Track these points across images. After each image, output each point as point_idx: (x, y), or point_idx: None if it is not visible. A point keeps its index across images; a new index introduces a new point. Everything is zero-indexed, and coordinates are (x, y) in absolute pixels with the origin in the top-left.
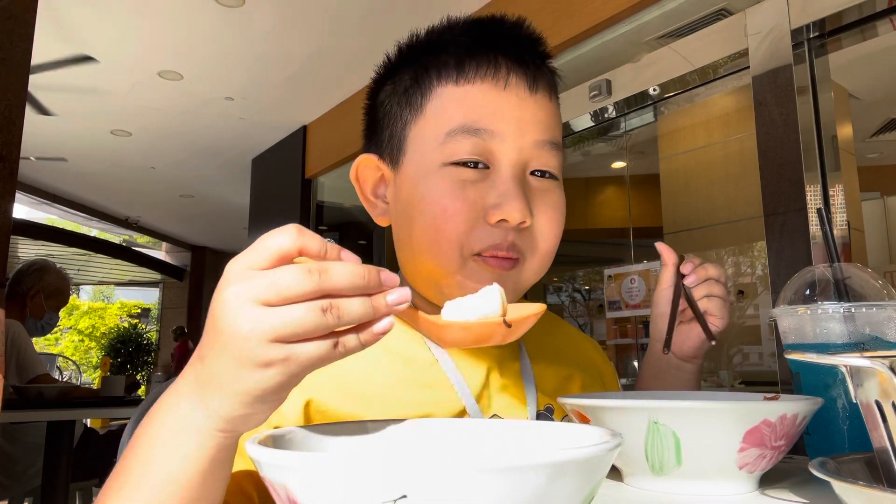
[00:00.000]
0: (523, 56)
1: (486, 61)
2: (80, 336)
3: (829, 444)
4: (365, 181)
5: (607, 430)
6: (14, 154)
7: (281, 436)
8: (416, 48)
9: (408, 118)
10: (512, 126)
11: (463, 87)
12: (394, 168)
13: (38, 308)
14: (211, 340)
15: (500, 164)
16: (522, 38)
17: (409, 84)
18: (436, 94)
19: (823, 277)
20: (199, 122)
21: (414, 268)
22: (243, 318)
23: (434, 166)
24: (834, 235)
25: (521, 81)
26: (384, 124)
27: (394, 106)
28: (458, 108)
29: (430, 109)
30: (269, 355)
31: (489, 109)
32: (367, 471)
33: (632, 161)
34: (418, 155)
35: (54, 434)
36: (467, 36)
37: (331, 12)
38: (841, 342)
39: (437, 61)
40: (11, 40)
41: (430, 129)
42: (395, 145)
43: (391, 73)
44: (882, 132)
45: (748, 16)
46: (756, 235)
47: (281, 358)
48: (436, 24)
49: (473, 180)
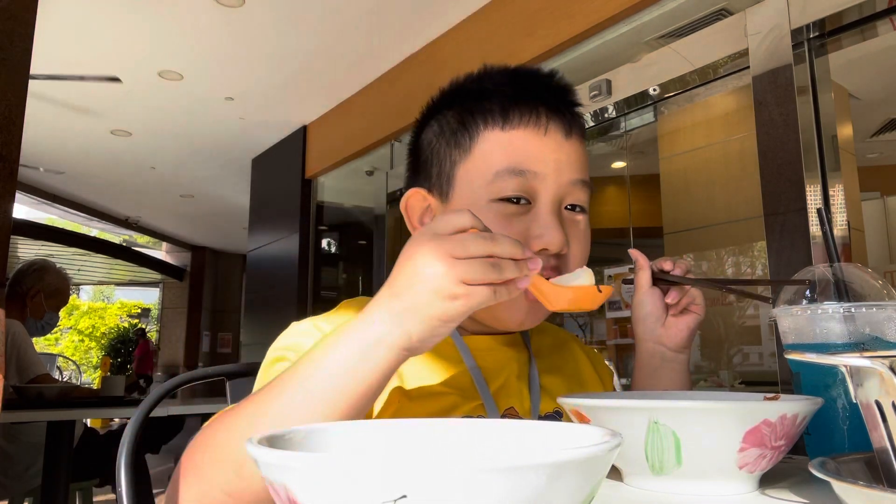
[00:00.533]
0: (559, 105)
1: (528, 110)
2: (80, 336)
3: (829, 444)
4: (413, 211)
5: (607, 430)
6: (14, 154)
7: (281, 436)
8: (458, 93)
9: (456, 158)
10: (551, 167)
11: (508, 132)
12: (443, 201)
13: (38, 308)
14: (408, 282)
15: (540, 200)
16: (557, 88)
17: (456, 127)
18: (483, 138)
19: (823, 277)
20: (199, 122)
21: None
22: (441, 265)
23: (483, 202)
24: (834, 235)
25: (559, 128)
26: (433, 161)
27: (442, 146)
28: (504, 152)
29: (477, 151)
30: (457, 291)
31: (532, 153)
32: (367, 471)
33: (632, 161)
34: (468, 191)
35: (54, 434)
36: (510, 86)
37: (331, 12)
38: (841, 342)
39: (482, 108)
40: (11, 40)
41: (479, 169)
42: (444, 181)
43: (434, 114)
44: (882, 132)
45: (748, 16)
46: (756, 235)
47: (464, 294)
48: (475, 72)
49: (518, 214)
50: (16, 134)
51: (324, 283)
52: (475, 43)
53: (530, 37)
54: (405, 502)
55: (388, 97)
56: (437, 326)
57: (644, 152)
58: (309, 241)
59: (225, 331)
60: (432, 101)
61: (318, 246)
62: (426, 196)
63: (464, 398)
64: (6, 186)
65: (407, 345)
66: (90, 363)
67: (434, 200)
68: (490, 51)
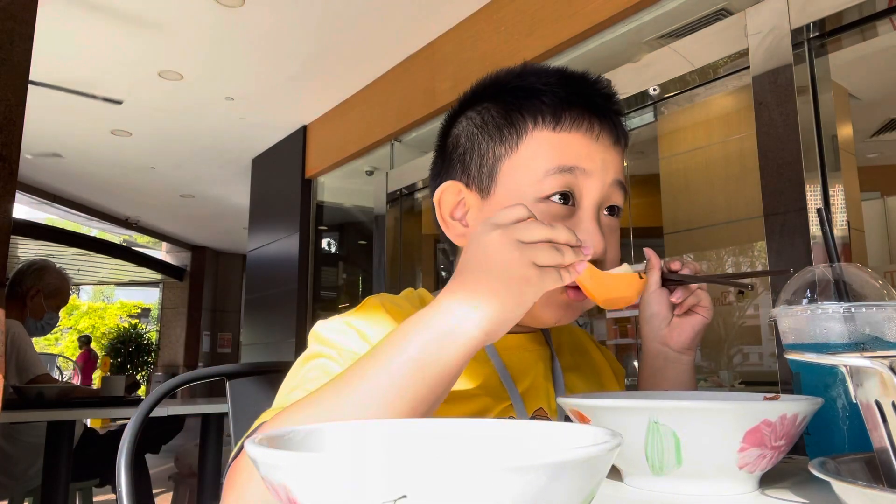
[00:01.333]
0: (608, 113)
1: (579, 115)
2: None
3: (829, 444)
4: (445, 204)
5: (607, 430)
6: (14, 154)
7: (281, 436)
8: (501, 87)
9: (501, 153)
10: (599, 165)
11: (559, 134)
12: (483, 196)
13: (38, 308)
14: (480, 269)
15: (584, 203)
16: (607, 95)
17: (501, 122)
18: (532, 137)
19: (823, 277)
20: (199, 122)
21: None
22: (512, 249)
23: (529, 200)
24: (834, 235)
25: (608, 135)
26: (472, 155)
27: (485, 140)
28: (555, 152)
29: (524, 149)
30: (529, 273)
31: (584, 154)
32: (367, 471)
33: (632, 161)
34: (513, 188)
35: (54, 434)
36: (561, 87)
37: (331, 12)
38: (841, 342)
39: (532, 106)
40: (11, 40)
41: (527, 167)
42: (485, 175)
43: (471, 105)
44: (882, 132)
45: (748, 16)
46: (756, 235)
47: (536, 275)
48: (516, 68)
49: (562, 216)
50: (16, 134)
51: (324, 283)
52: (475, 43)
53: (530, 37)
54: (405, 502)
55: (388, 97)
56: (512, 309)
57: (644, 152)
58: (309, 241)
59: (225, 331)
60: (470, 93)
61: (318, 246)
62: (462, 189)
63: (494, 400)
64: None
65: (484, 330)
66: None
67: (472, 195)
68: (490, 51)
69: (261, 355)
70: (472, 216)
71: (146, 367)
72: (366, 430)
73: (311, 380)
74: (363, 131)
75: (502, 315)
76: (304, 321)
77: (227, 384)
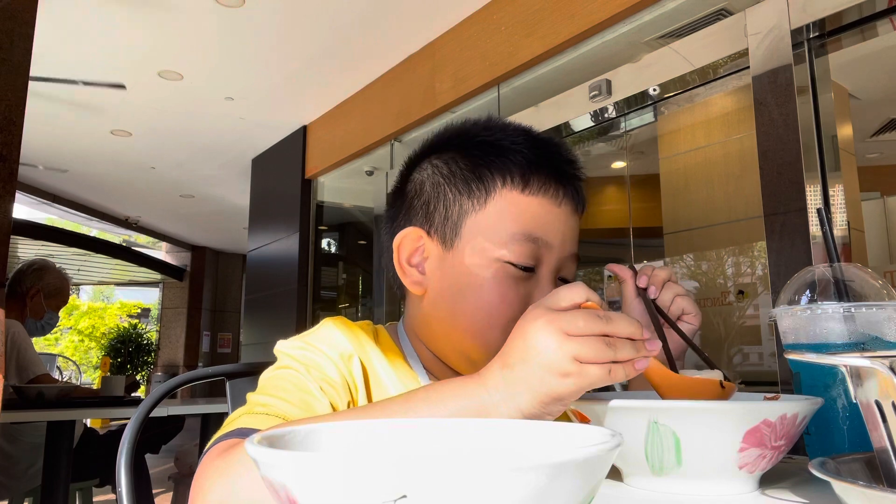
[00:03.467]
0: (571, 179)
1: (545, 179)
2: (80, 336)
3: (829, 444)
4: (404, 250)
5: (607, 430)
6: (14, 154)
7: (281, 436)
8: (468, 139)
9: (468, 208)
10: (559, 239)
11: (527, 197)
12: (445, 247)
13: (38, 308)
14: (520, 355)
15: (543, 268)
16: (570, 161)
17: (469, 176)
18: (501, 196)
19: (823, 277)
20: (199, 122)
21: (447, 340)
22: (553, 340)
23: (491, 260)
24: (834, 235)
25: (570, 202)
26: (436, 205)
27: (451, 191)
28: (522, 216)
29: (493, 207)
30: (569, 368)
31: (547, 222)
32: (367, 471)
33: (632, 161)
34: (477, 244)
35: (54, 434)
36: (529, 150)
37: (331, 12)
38: (841, 342)
39: (501, 165)
40: (11, 40)
41: (493, 226)
42: (449, 227)
43: (435, 153)
44: (882, 132)
45: (748, 16)
46: (756, 235)
47: (576, 372)
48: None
49: (522, 279)
50: (16, 134)
51: (324, 283)
52: (475, 43)
53: (530, 37)
54: (405, 502)
55: (388, 97)
56: (548, 403)
57: (644, 152)
58: (309, 241)
59: (225, 331)
60: (435, 139)
61: (318, 246)
62: (423, 237)
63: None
64: (6, 186)
65: (517, 418)
66: (90, 363)
67: (433, 244)
68: (490, 51)
69: (261, 355)
70: (430, 265)
71: (146, 367)
72: (366, 430)
73: (280, 388)
74: (363, 131)
75: (535, 408)
76: (304, 321)
77: (227, 384)
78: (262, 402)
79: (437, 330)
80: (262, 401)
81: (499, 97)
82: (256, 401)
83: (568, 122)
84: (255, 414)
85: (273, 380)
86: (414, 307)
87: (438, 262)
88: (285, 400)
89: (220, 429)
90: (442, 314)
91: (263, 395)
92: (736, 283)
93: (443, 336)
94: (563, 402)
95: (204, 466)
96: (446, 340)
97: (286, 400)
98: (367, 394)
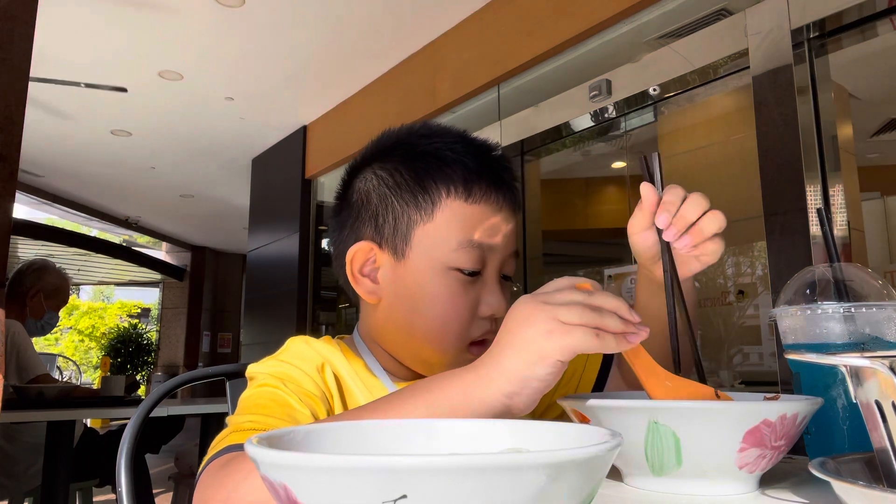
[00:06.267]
0: (508, 183)
1: (486, 187)
2: (80, 336)
3: (829, 444)
4: (356, 261)
5: (607, 430)
6: (14, 154)
7: (281, 436)
8: (407, 149)
9: (416, 219)
10: (501, 241)
11: (471, 205)
12: (396, 257)
13: (38, 308)
14: (508, 330)
15: (488, 270)
16: (506, 166)
17: (414, 187)
18: (446, 206)
19: (823, 277)
20: (199, 122)
21: (406, 346)
22: (536, 308)
23: (442, 267)
24: (834, 235)
25: (509, 204)
26: (385, 217)
27: (399, 203)
28: (467, 224)
29: (440, 217)
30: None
31: (491, 228)
32: (367, 471)
33: (632, 161)
34: (427, 253)
35: (54, 434)
36: (469, 157)
37: (331, 12)
38: (841, 342)
39: (444, 175)
40: (11, 40)
41: (441, 235)
42: (399, 238)
43: (376, 162)
44: (882, 132)
45: (748, 16)
46: (756, 235)
47: (560, 330)
48: (416, 126)
49: (470, 282)
50: (16, 134)
51: (324, 283)
52: (475, 43)
53: (530, 37)
54: (405, 502)
55: (388, 97)
56: (533, 363)
57: (644, 152)
58: (309, 241)
59: (225, 331)
60: (373, 148)
61: (318, 246)
62: (374, 248)
63: None
64: (6, 186)
65: (504, 391)
66: (90, 363)
67: (383, 255)
68: (490, 51)
69: (261, 355)
70: (383, 274)
71: (146, 367)
72: (366, 430)
73: (260, 406)
74: (363, 131)
75: (521, 368)
76: (304, 321)
77: (227, 384)
78: (248, 420)
79: (394, 337)
80: (247, 419)
81: (499, 97)
82: (241, 420)
83: (568, 122)
84: (243, 431)
85: (252, 398)
86: (369, 315)
87: (391, 272)
88: (269, 415)
89: (209, 450)
90: (399, 322)
91: (246, 414)
92: (736, 283)
93: (401, 342)
94: (549, 363)
95: (202, 482)
96: (405, 346)
97: (270, 415)
98: (342, 403)
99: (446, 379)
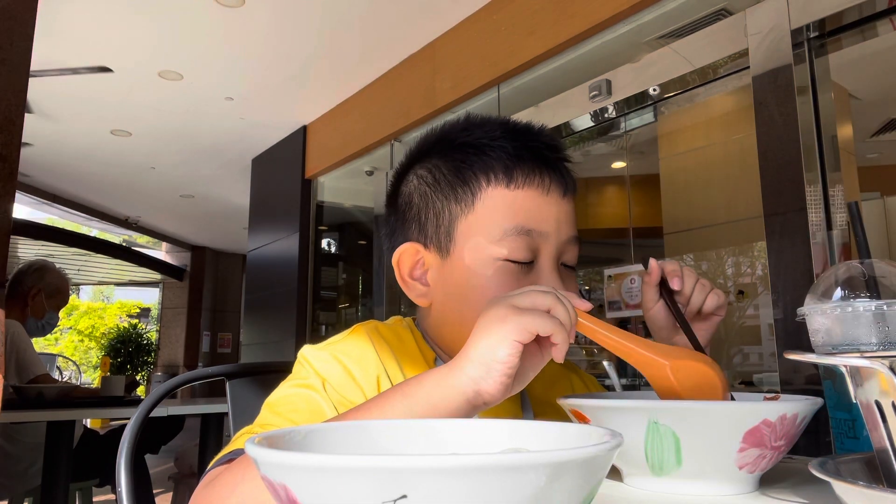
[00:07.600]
0: (556, 164)
1: (530, 168)
2: (80, 336)
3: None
4: (404, 265)
5: (607, 430)
6: (14, 154)
7: (281, 436)
8: (447, 143)
9: (457, 213)
10: (553, 226)
11: (514, 191)
12: (442, 255)
13: (38, 308)
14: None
15: (542, 258)
16: (552, 146)
17: (454, 181)
18: (487, 195)
19: (855, 274)
20: (199, 122)
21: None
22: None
23: (489, 259)
24: (865, 231)
25: (558, 187)
26: (427, 215)
27: (439, 198)
28: (510, 210)
29: (481, 208)
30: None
31: (537, 213)
32: (368, 471)
33: (632, 161)
34: (472, 246)
35: (54, 434)
36: (508, 142)
37: (331, 12)
38: (875, 341)
39: (483, 164)
40: (11, 40)
41: (484, 226)
42: (443, 235)
43: (419, 162)
44: (882, 132)
45: (748, 16)
46: (756, 235)
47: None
48: (459, 121)
49: (524, 273)
50: (16, 134)
51: (324, 283)
52: (475, 43)
53: (530, 37)
54: (405, 502)
55: (388, 97)
56: (494, 346)
57: (644, 152)
58: (309, 241)
59: (225, 331)
60: (416, 150)
61: (318, 246)
62: (420, 250)
63: None
64: (6, 186)
65: (472, 377)
66: (90, 363)
67: (430, 255)
68: (490, 51)
69: (261, 355)
70: (432, 275)
71: (146, 367)
72: (366, 430)
73: (291, 409)
74: (363, 131)
75: (485, 356)
76: (304, 321)
77: (227, 384)
78: (269, 423)
79: (450, 337)
80: (270, 420)
81: (499, 97)
82: (265, 419)
83: (568, 122)
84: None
85: (288, 398)
86: (424, 318)
87: (438, 272)
88: (294, 422)
89: (225, 447)
90: (451, 320)
91: (274, 413)
92: (736, 283)
93: (458, 340)
94: (507, 343)
95: (206, 481)
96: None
97: (294, 422)
98: None
99: (425, 374)
